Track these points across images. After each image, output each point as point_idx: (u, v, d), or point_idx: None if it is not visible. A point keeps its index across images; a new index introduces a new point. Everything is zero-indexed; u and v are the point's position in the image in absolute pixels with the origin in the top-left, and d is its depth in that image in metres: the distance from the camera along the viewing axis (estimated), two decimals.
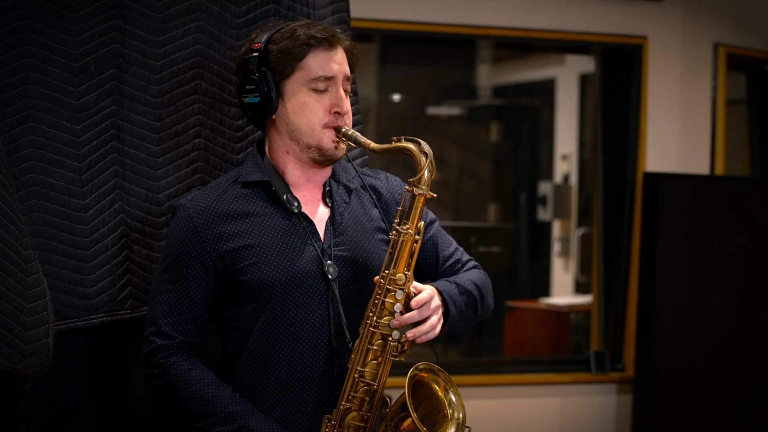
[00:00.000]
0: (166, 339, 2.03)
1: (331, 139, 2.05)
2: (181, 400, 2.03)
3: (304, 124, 2.05)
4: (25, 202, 2.13)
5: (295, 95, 2.05)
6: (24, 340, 1.96)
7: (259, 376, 2.05)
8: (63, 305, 2.17)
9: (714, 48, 4.41)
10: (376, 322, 1.98)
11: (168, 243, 2.07)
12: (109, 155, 2.25)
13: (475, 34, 4.22)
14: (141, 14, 2.28)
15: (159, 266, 2.07)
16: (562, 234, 6.07)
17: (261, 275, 2.02)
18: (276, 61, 2.04)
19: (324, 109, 2.04)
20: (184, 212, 2.05)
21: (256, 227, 2.05)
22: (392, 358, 1.99)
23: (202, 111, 2.36)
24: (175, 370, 2.02)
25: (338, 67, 2.05)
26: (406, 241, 1.98)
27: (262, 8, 2.44)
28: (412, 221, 1.98)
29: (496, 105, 6.47)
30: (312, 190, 2.12)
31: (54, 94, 2.17)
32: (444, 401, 1.99)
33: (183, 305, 2.04)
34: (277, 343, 2.03)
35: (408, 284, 1.99)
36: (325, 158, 2.07)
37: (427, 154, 1.98)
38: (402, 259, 1.98)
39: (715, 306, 4.24)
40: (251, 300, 2.04)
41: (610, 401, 4.36)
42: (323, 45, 2.04)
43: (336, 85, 2.05)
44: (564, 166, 6.08)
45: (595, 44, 4.36)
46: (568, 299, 5.54)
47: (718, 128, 4.44)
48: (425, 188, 1.98)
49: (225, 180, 2.12)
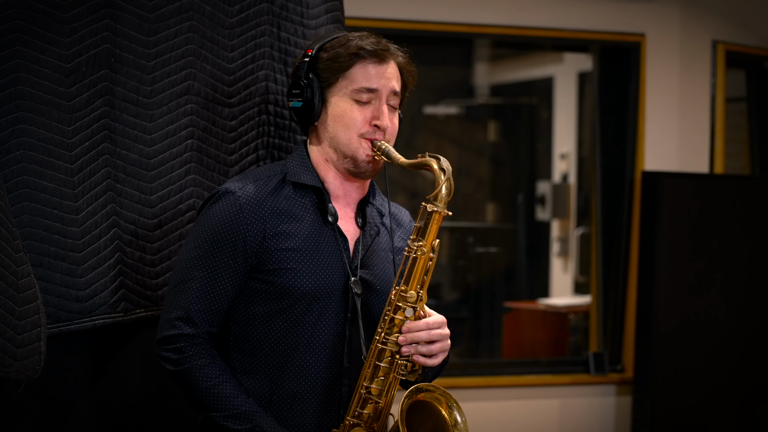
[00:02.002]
0: (193, 327, 2.01)
1: (366, 152, 2.05)
2: (195, 391, 2.01)
3: (342, 132, 2.06)
4: (16, 205, 2.12)
5: (338, 103, 2.07)
6: (15, 344, 1.96)
7: (270, 383, 2.05)
8: (55, 308, 2.17)
9: (713, 45, 4.41)
10: (385, 338, 1.99)
11: (206, 227, 2.03)
12: (101, 156, 2.24)
13: (472, 33, 4.22)
14: (132, 14, 2.28)
15: (192, 251, 2.03)
16: (561, 234, 6.07)
17: (294, 281, 2.02)
18: (324, 69, 2.08)
19: (364, 119, 2.05)
20: (233, 200, 2.03)
21: (300, 231, 2.04)
22: (400, 377, 2.00)
23: (195, 111, 2.36)
24: (196, 361, 2.00)
25: (384, 81, 2.06)
26: (419, 257, 1.99)
27: (255, 7, 2.44)
28: (427, 239, 1.99)
29: (493, 104, 6.47)
30: (347, 205, 2.13)
31: (45, 95, 2.16)
32: (449, 422, 1.99)
33: (216, 294, 2.02)
34: (293, 352, 2.03)
35: (420, 303, 2.00)
36: (359, 170, 2.07)
37: (446, 171, 1.99)
38: (415, 277, 1.99)
39: (715, 306, 4.25)
40: (270, 301, 2.03)
41: (610, 403, 4.36)
42: (372, 58, 2.05)
43: (380, 99, 2.06)
44: (562, 165, 6.08)
45: (593, 42, 4.36)
46: (566, 300, 5.53)
47: (718, 126, 4.44)
48: (441, 205, 1.99)
49: (271, 173, 2.09)
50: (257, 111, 2.45)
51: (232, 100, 2.42)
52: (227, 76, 2.41)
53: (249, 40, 2.44)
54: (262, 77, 2.45)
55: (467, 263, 5.84)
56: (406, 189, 5.68)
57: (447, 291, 5.90)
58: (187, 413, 2.38)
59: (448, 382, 4.04)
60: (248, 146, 2.44)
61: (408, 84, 2.13)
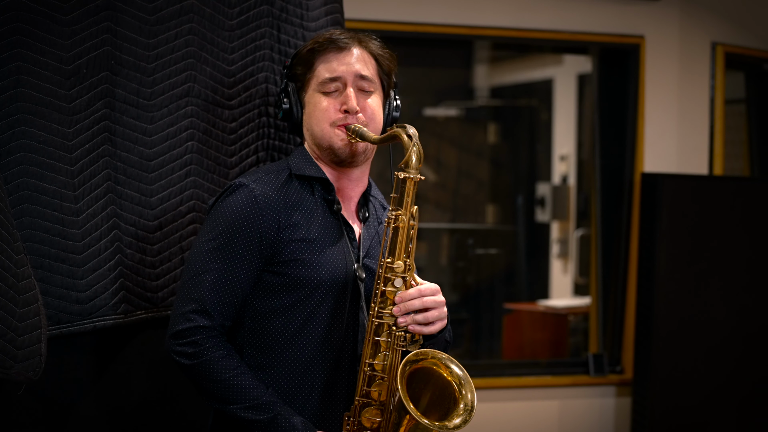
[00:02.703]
0: (209, 320, 2.00)
1: (341, 138, 2.07)
2: (213, 384, 1.99)
3: (316, 125, 2.10)
4: (17, 207, 2.13)
5: (310, 101, 2.11)
6: (16, 346, 1.96)
7: (287, 377, 2.04)
8: (55, 310, 2.17)
9: (712, 47, 4.41)
10: (379, 312, 2.00)
11: (221, 219, 2.03)
12: (101, 159, 2.25)
13: (472, 35, 4.22)
14: (133, 16, 2.28)
15: (206, 243, 2.03)
16: (561, 235, 6.07)
17: (308, 272, 2.03)
18: (294, 74, 2.13)
19: (334, 108, 2.07)
20: (249, 192, 2.04)
21: (311, 222, 2.06)
22: (400, 349, 2.00)
23: (195, 114, 2.36)
24: (213, 353, 1.99)
25: (345, 67, 2.08)
26: (401, 227, 1.99)
27: (255, 9, 2.44)
28: (406, 207, 1.99)
29: (493, 106, 6.47)
30: (348, 199, 2.14)
31: (45, 97, 2.17)
32: (452, 381, 1.98)
33: (232, 286, 2.02)
34: (310, 344, 2.04)
35: (410, 273, 2.00)
36: (340, 158, 2.09)
37: (412, 137, 2.00)
38: (399, 246, 1.99)
39: (714, 307, 4.25)
40: (285, 294, 2.04)
41: (609, 404, 4.36)
42: (330, 48, 2.09)
43: (345, 85, 2.08)
44: (562, 166, 6.08)
45: (592, 44, 4.36)
46: (566, 301, 5.53)
47: (717, 128, 4.44)
48: (414, 172, 1.99)
49: (278, 169, 2.11)
50: (257, 113, 2.45)
51: (232, 102, 2.42)
52: (227, 78, 2.41)
53: (249, 42, 2.44)
54: (262, 79, 2.46)
55: (467, 265, 5.84)
56: None
57: (447, 292, 5.89)
58: (187, 415, 2.39)
59: None
60: (248, 148, 2.45)
61: (387, 68, 2.15)
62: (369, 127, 2.08)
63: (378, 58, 2.13)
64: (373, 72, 2.12)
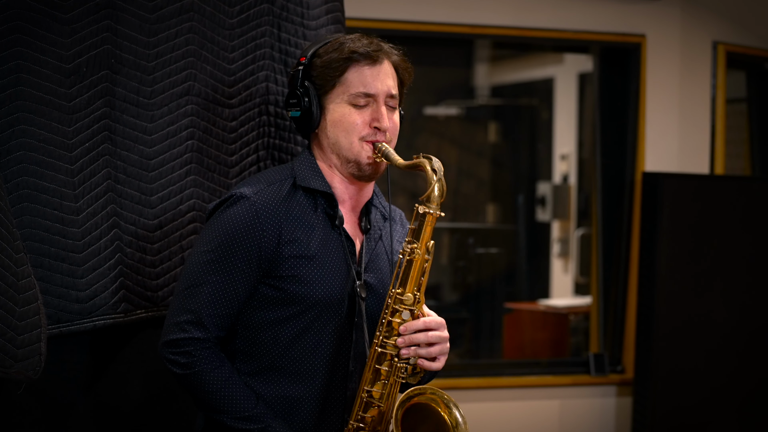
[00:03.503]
0: (203, 332, 2.00)
1: (368, 155, 2.05)
2: (204, 394, 2.00)
3: (343, 137, 2.06)
4: (17, 205, 2.12)
5: (336, 109, 2.06)
6: (16, 345, 1.96)
7: (276, 386, 2.05)
8: (55, 309, 2.17)
9: (713, 46, 4.41)
10: (383, 341, 2.00)
11: (220, 231, 2.02)
12: (101, 157, 2.24)
13: (472, 34, 4.21)
14: (133, 15, 2.28)
15: (205, 254, 2.02)
16: (562, 235, 6.07)
17: (306, 290, 2.02)
18: (318, 75, 2.08)
19: (363, 122, 2.05)
20: (249, 205, 2.02)
21: (312, 238, 2.04)
22: (400, 380, 2.00)
23: (195, 112, 2.36)
24: (205, 364, 1.99)
25: (380, 83, 2.05)
26: (415, 259, 1.99)
27: (255, 8, 2.44)
28: (422, 240, 1.99)
29: (494, 105, 6.47)
30: (351, 209, 2.13)
31: (45, 96, 2.16)
32: (449, 423, 1.99)
33: (228, 298, 2.01)
34: (301, 357, 2.03)
35: (418, 306, 2.00)
36: (363, 173, 2.07)
37: (437, 172, 1.98)
38: (411, 279, 1.99)
39: (715, 307, 4.25)
40: (280, 307, 2.03)
41: (610, 403, 4.36)
42: (365, 60, 2.05)
43: (377, 101, 2.05)
44: (563, 166, 6.08)
45: (593, 43, 4.36)
46: (567, 301, 5.53)
47: (718, 127, 4.44)
48: (434, 207, 1.98)
49: (282, 177, 2.09)
50: (258, 112, 2.45)
51: (232, 101, 2.42)
52: (227, 77, 2.41)
53: (249, 41, 2.44)
54: (263, 78, 2.45)
55: (467, 264, 5.84)
56: (407, 190, 5.68)
57: (447, 292, 5.90)
58: (187, 414, 2.38)
59: (448, 382, 4.04)
60: (249, 147, 2.45)
61: (405, 81, 2.13)
62: (392, 143, 2.07)
63: (399, 72, 2.11)
64: (397, 86, 2.10)
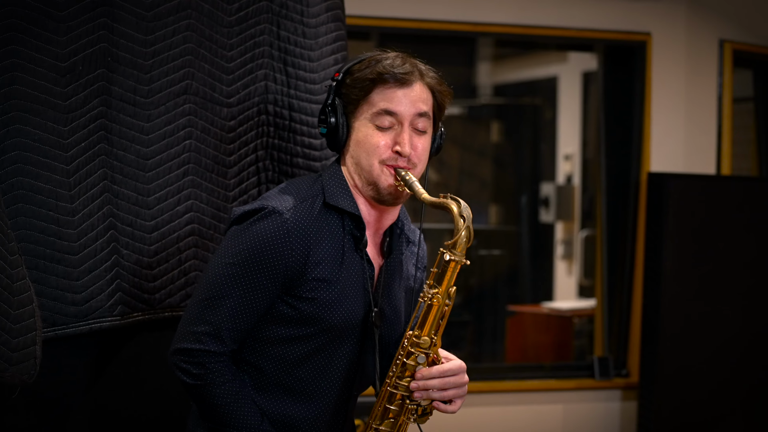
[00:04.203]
0: (220, 345, 1.98)
1: (389, 181, 2.01)
2: (212, 407, 2.00)
3: (364, 158, 2.02)
4: (11, 206, 2.12)
5: (360, 128, 2.03)
6: (10, 348, 1.96)
7: (278, 403, 2.04)
8: (51, 312, 2.17)
9: (720, 44, 4.41)
10: (396, 383, 1.99)
11: (248, 245, 1.98)
12: (98, 157, 2.24)
13: (475, 32, 4.21)
14: (130, 12, 2.28)
15: (230, 267, 1.98)
16: (565, 236, 6.07)
17: (323, 313, 2.00)
18: (347, 93, 2.05)
19: (385, 145, 2.01)
20: (282, 222, 1.98)
21: (337, 261, 2.02)
22: (409, 421, 2.01)
23: (193, 111, 2.36)
24: (217, 377, 1.98)
25: (405, 106, 2.01)
26: (434, 305, 1.98)
27: (254, 5, 2.44)
28: (443, 286, 1.98)
29: (496, 104, 6.47)
30: (375, 232, 2.10)
31: (41, 94, 2.16)
32: None
33: (249, 313, 1.99)
34: (306, 376, 2.03)
35: (434, 349, 1.99)
36: (381, 198, 2.03)
37: (465, 219, 1.96)
38: (429, 322, 1.98)
39: (721, 310, 4.24)
40: (294, 326, 2.02)
41: (615, 408, 4.36)
42: (394, 81, 2.01)
43: (402, 123, 2.01)
44: (567, 166, 6.08)
45: (597, 41, 4.36)
46: (571, 303, 5.53)
47: (725, 127, 4.44)
48: (459, 253, 1.97)
49: (314, 193, 2.05)
50: (256, 111, 2.45)
51: (230, 100, 2.42)
52: (226, 76, 2.41)
53: (248, 39, 2.44)
54: (262, 77, 2.45)
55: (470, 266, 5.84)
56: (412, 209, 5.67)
57: None
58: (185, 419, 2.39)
59: None
60: (247, 147, 2.44)
61: (442, 105, 2.08)
62: (417, 169, 2.03)
63: (436, 95, 2.06)
64: (429, 109, 2.05)
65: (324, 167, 2.38)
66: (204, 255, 2.38)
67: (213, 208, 2.40)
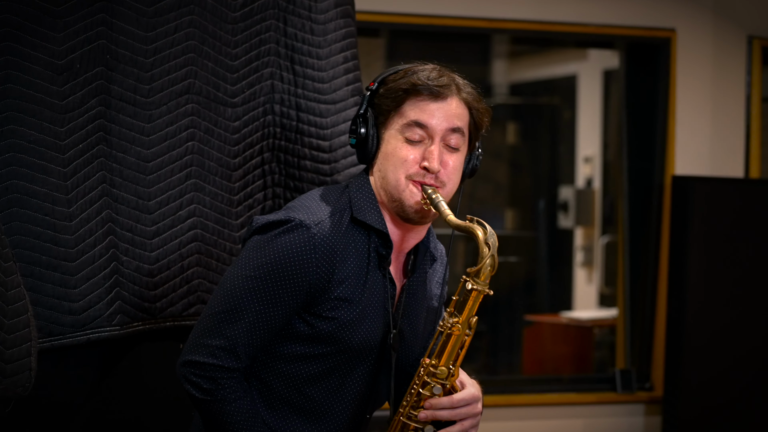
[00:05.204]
0: (235, 361, 1.97)
1: (415, 198, 1.99)
2: (220, 423, 1.98)
3: (390, 172, 2.01)
4: (5, 211, 2.12)
5: (389, 141, 2.01)
6: (4, 359, 1.96)
7: (286, 422, 2.03)
8: (47, 321, 2.16)
9: (748, 41, 4.41)
10: (409, 413, 1.99)
11: (271, 258, 1.96)
12: (96, 159, 2.24)
13: (490, 28, 4.23)
14: (129, 8, 2.28)
15: (250, 280, 1.96)
16: (585, 242, 6.07)
17: (342, 334, 1.99)
18: (379, 104, 2.03)
19: (413, 159, 1.98)
20: (308, 237, 1.95)
21: (361, 280, 2.01)
22: None
23: (196, 112, 2.36)
24: (229, 394, 1.97)
25: (438, 119, 1.99)
26: (454, 334, 1.97)
27: (259, 1, 2.44)
28: (464, 315, 1.96)
29: (512, 104, 6.48)
30: (398, 250, 2.08)
31: (36, 94, 2.16)
32: None
33: (266, 329, 1.98)
34: (318, 396, 2.03)
35: (451, 379, 1.99)
36: (407, 216, 2.01)
37: (491, 247, 1.94)
38: (447, 352, 1.97)
39: (750, 320, 4.23)
40: (310, 344, 2.01)
41: (638, 423, 4.35)
42: (426, 94, 1.99)
43: (432, 138, 1.99)
44: (586, 169, 6.08)
45: (619, 38, 4.37)
46: (591, 313, 5.53)
47: (753, 127, 4.44)
48: (482, 282, 1.94)
49: (341, 207, 2.02)
50: (262, 111, 2.45)
51: (235, 100, 2.42)
52: (230, 74, 2.40)
53: (253, 36, 2.44)
54: (267, 75, 2.45)
55: None
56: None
57: None
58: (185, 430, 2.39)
59: None
60: (253, 149, 2.44)
61: (480, 123, 2.05)
62: (446, 188, 2.01)
63: (472, 112, 2.04)
64: (464, 126, 2.03)
65: (349, 177, 2.36)
66: (207, 262, 2.38)
67: (217, 212, 2.39)
